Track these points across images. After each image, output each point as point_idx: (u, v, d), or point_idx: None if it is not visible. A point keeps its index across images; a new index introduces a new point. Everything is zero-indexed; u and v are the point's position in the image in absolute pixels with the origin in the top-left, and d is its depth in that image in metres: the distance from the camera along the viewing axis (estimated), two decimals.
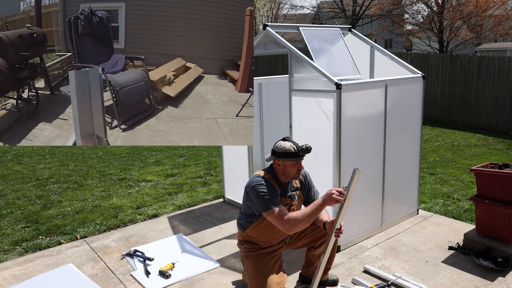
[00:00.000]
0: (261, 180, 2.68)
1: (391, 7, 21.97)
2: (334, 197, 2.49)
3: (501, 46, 26.02)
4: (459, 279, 3.16)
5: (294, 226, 2.56)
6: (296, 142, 2.70)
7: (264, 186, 2.64)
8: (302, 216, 2.56)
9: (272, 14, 27.44)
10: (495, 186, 3.40)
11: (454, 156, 7.55)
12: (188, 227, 4.33)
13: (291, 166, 2.69)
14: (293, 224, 2.55)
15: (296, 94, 3.63)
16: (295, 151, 2.64)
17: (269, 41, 4.09)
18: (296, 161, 2.68)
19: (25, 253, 3.83)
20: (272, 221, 2.61)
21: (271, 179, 2.74)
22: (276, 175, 2.78)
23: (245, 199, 2.81)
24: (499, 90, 9.84)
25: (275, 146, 2.72)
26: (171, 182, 6.04)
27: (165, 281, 3.23)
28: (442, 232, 4.01)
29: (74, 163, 7.47)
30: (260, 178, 2.70)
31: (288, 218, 2.56)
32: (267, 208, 2.59)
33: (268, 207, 2.59)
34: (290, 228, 2.57)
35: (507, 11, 19.89)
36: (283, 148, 2.66)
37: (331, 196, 2.50)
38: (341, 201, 2.50)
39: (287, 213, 2.59)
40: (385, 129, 3.83)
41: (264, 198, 2.61)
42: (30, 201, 5.31)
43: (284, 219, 2.55)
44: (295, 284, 3.16)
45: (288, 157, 2.65)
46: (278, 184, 2.76)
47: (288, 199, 2.79)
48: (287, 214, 2.58)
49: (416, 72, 4.18)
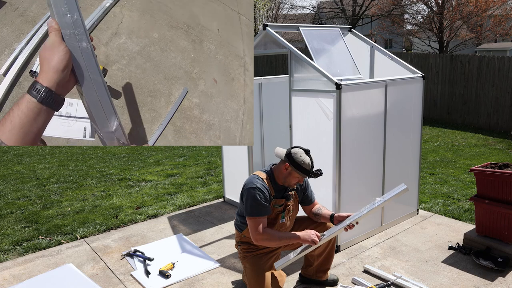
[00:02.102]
0: (258, 183, 2.68)
1: (391, 7, 21.99)
2: (311, 239, 2.64)
3: (501, 46, 26.02)
4: (459, 279, 3.16)
5: (263, 241, 2.66)
6: (313, 160, 2.73)
7: (259, 191, 2.64)
8: (277, 237, 2.67)
9: (272, 14, 27.44)
10: (495, 186, 3.41)
11: (454, 156, 7.55)
12: (188, 227, 4.34)
13: (295, 177, 2.72)
14: (264, 239, 2.64)
15: (296, 94, 3.63)
16: (309, 169, 2.68)
17: (269, 41, 4.09)
18: (303, 177, 2.71)
19: (25, 253, 3.83)
20: (249, 227, 2.68)
21: (267, 181, 2.74)
22: (274, 177, 2.78)
23: (240, 199, 2.82)
24: (499, 90, 9.84)
25: (294, 153, 2.69)
26: (171, 182, 6.04)
27: (165, 281, 3.23)
28: (442, 232, 4.02)
29: (74, 163, 7.47)
30: (258, 180, 2.71)
31: (264, 231, 2.64)
32: (251, 214, 2.65)
33: (253, 213, 2.64)
34: (259, 241, 2.66)
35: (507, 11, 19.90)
36: (302, 161, 2.66)
37: (310, 236, 2.65)
38: (315, 244, 2.65)
39: (265, 225, 2.67)
40: (385, 129, 3.83)
41: (254, 205, 2.64)
42: (30, 201, 5.32)
43: (258, 230, 2.63)
44: (295, 284, 3.16)
45: (300, 170, 2.67)
46: (274, 186, 2.77)
47: (283, 199, 2.79)
48: (264, 226, 2.66)
49: (416, 72, 4.18)
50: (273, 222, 2.81)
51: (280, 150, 2.78)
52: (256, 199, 2.63)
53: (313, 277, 3.09)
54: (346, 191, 3.52)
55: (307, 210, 3.02)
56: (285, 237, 2.70)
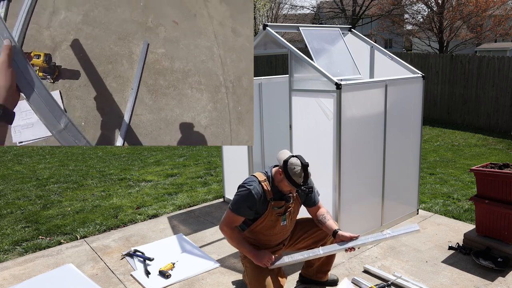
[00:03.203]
0: (252, 183, 2.69)
1: (391, 7, 22.00)
2: (262, 263, 2.70)
3: (501, 46, 26.03)
4: (459, 279, 3.16)
5: (224, 233, 2.81)
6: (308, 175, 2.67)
7: (247, 191, 2.67)
8: (236, 241, 2.77)
9: (272, 14, 27.45)
10: (495, 186, 3.41)
11: (454, 156, 7.55)
12: (188, 227, 4.34)
13: (286, 186, 2.69)
14: (226, 232, 2.78)
15: (296, 94, 3.63)
16: (298, 184, 2.65)
17: (269, 41, 4.09)
18: (293, 188, 2.69)
19: (25, 253, 3.83)
20: (224, 215, 2.79)
21: (265, 183, 2.73)
22: (273, 179, 2.77)
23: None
24: (499, 90, 9.84)
25: (290, 163, 2.63)
26: (171, 182, 6.05)
27: (165, 281, 3.23)
28: (442, 232, 4.02)
29: (74, 163, 7.47)
30: (253, 181, 2.72)
31: (231, 229, 2.76)
32: (232, 208, 2.73)
33: (233, 208, 2.72)
34: (222, 231, 2.81)
35: (507, 11, 19.91)
36: (294, 173, 2.61)
37: (262, 260, 2.70)
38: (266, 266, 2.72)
39: (236, 223, 2.78)
40: (385, 129, 3.83)
41: (237, 201, 2.71)
42: (30, 201, 5.32)
43: (229, 224, 2.75)
44: (295, 284, 3.16)
45: (290, 182, 2.64)
46: (273, 188, 2.74)
47: (283, 201, 2.76)
48: (236, 224, 2.78)
49: (416, 72, 4.18)
50: (274, 224, 2.78)
51: (283, 155, 2.75)
52: (240, 197, 2.69)
53: (313, 278, 3.09)
54: (346, 191, 3.52)
55: (312, 212, 2.98)
56: (242, 246, 2.76)
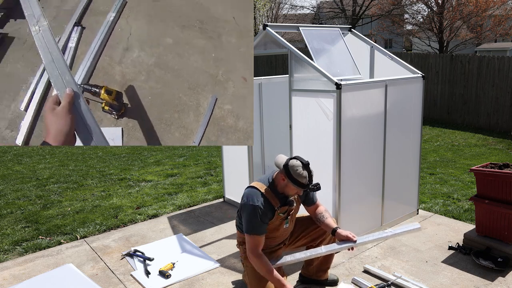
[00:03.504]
0: (258, 199, 2.62)
1: (391, 7, 21.99)
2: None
3: (501, 46, 26.03)
4: (459, 279, 3.16)
5: (253, 263, 2.66)
6: (311, 173, 2.62)
7: (258, 209, 2.59)
8: (264, 271, 2.62)
9: (272, 14, 27.45)
10: (495, 186, 3.41)
11: (454, 156, 7.55)
12: (188, 227, 4.34)
13: (293, 189, 2.65)
14: (255, 262, 2.64)
15: (296, 94, 3.63)
16: (305, 184, 2.59)
17: (269, 41, 4.09)
18: (301, 190, 2.66)
19: (25, 253, 3.83)
20: (246, 242, 2.68)
21: (269, 193, 2.68)
22: (275, 186, 2.72)
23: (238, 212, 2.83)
24: (499, 90, 9.84)
25: (291, 166, 2.58)
26: (171, 182, 6.04)
27: (165, 281, 3.23)
28: (442, 232, 4.02)
29: (74, 163, 7.47)
30: (255, 194, 2.65)
31: (259, 258, 2.62)
32: (249, 231, 2.64)
33: (250, 231, 2.63)
34: (250, 261, 2.67)
35: (507, 11, 19.90)
36: (298, 175, 2.56)
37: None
38: None
39: (262, 245, 2.66)
40: (385, 129, 3.83)
41: (252, 223, 2.62)
42: (30, 201, 5.32)
43: (255, 251, 2.62)
44: (295, 284, 3.16)
45: (296, 184, 2.59)
46: (277, 195, 2.70)
47: (287, 206, 2.75)
48: (261, 247, 2.65)
49: (416, 72, 4.18)
50: (277, 228, 2.79)
51: (280, 160, 2.69)
52: (253, 218, 2.59)
53: (313, 277, 3.09)
54: (346, 191, 3.52)
55: (310, 210, 2.99)
56: (270, 278, 2.62)
